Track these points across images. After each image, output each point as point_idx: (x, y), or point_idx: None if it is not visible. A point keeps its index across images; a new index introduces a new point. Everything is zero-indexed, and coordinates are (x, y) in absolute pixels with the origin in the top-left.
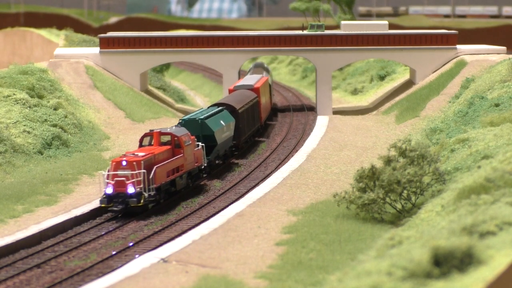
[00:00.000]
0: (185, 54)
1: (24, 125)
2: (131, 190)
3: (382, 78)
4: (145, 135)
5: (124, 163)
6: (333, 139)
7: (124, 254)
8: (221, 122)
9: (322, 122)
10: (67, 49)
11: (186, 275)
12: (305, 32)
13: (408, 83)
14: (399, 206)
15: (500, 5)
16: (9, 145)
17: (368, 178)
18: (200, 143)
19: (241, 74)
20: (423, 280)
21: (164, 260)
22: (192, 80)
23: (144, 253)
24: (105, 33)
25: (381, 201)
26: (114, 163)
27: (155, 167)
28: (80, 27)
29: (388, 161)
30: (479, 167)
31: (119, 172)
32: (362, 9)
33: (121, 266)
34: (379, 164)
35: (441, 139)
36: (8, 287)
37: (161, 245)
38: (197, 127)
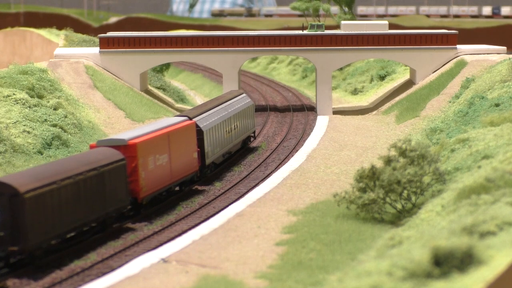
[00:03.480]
0: (185, 54)
1: (24, 125)
2: None
3: (382, 78)
4: None
5: None
6: (333, 139)
7: (124, 254)
8: None
9: (322, 122)
10: (67, 49)
11: (186, 275)
12: (305, 32)
13: (408, 83)
14: (399, 206)
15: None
16: (9, 145)
17: (368, 178)
18: None
19: (241, 74)
20: (423, 280)
21: (164, 260)
22: (192, 80)
23: (144, 253)
24: (105, 33)
25: (381, 201)
26: None
27: None
28: (80, 27)
29: (388, 161)
30: (479, 167)
31: None
32: (214, 9)
33: (121, 266)
34: (379, 164)
35: (441, 139)
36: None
37: (161, 245)
38: None
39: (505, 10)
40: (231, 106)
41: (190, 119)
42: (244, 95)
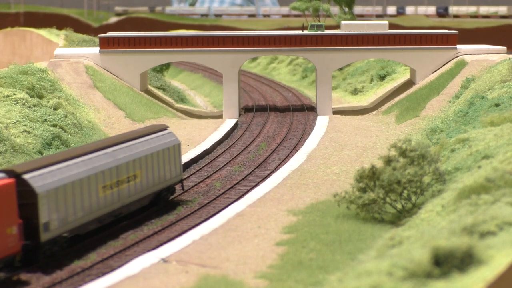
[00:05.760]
0: (185, 54)
1: (24, 125)
2: None
3: (382, 78)
4: None
5: None
6: (333, 139)
7: (124, 254)
8: None
9: (322, 122)
10: (67, 49)
11: (186, 275)
12: (305, 32)
13: (408, 83)
14: (399, 206)
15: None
16: (9, 145)
17: (368, 178)
18: None
19: (241, 74)
20: (423, 280)
21: (164, 260)
22: (192, 80)
23: (144, 253)
24: (105, 33)
25: (381, 201)
26: None
27: None
28: (80, 27)
29: (388, 161)
30: (479, 167)
31: None
32: (118, 8)
33: (121, 266)
34: (379, 164)
35: (441, 139)
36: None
37: (161, 245)
38: None
39: (409, 10)
40: (127, 149)
41: (15, 175)
42: (166, 131)
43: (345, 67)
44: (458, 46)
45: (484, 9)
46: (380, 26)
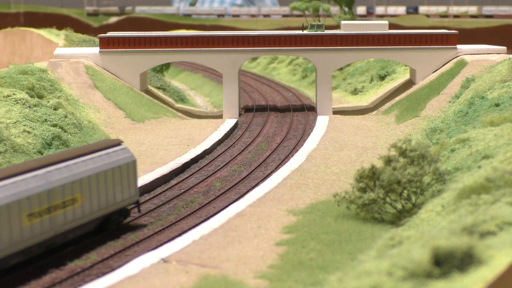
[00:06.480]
0: (185, 54)
1: (24, 125)
2: None
3: (382, 78)
4: None
5: None
6: (333, 139)
7: (124, 254)
8: None
9: (322, 122)
10: (67, 49)
11: (186, 275)
12: (305, 32)
13: (408, 83)
14: (399, 206)
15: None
16: (9, 145)
17: (368, 178)
18: None
19: (241, 74)
20: (423, 280)
21: (164, 260)
22: (192, 80)
23: (144, 253)
24: (105, 33)
25: (381, 201)
26: None
27: None
28: (80, 27)
29: (388, 161)
30: (479, 167)
31: None
32: (89, 8)
33: (121, 266)
34: (379, 164)
35: (441, 139)
36: (7, 286)
37: (161, 245)
38: None
39: (379, 10)
40: (65, 170)
41: None
42: (119, 147)
43: (345, 67)
44: (458, 46)
45: (454, 9)
46: (380, 26)
